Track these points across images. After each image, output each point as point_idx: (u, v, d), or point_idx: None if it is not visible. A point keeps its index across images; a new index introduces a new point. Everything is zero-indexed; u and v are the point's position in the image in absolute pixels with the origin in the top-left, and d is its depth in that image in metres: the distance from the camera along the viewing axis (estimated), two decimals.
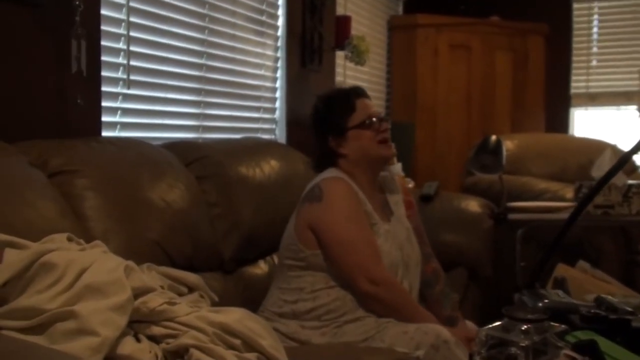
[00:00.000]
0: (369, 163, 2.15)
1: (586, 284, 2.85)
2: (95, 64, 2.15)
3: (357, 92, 2.20)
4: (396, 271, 2.07)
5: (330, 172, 2.14)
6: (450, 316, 2.18)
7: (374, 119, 2.13)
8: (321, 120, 2.20)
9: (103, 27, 2.21)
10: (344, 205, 2.06)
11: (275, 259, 2.43)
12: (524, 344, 0.90)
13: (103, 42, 2.21)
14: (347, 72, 3.89)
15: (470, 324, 2.23)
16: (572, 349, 0.92)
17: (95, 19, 2.15)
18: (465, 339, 1.99)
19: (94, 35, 2.14)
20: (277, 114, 3.36)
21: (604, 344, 0.97)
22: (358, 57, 3.64)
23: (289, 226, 2.16)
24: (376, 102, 4.50)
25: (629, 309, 1.09)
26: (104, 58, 2.22)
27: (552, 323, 0.99)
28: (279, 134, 3.36)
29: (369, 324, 1.98)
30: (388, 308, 2.00)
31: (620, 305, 1.10)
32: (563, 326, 1.02)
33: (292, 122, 3.37)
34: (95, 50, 2.15)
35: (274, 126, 3.35)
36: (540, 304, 1.12)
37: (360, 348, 1.90)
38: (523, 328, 0.92)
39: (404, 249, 2.12)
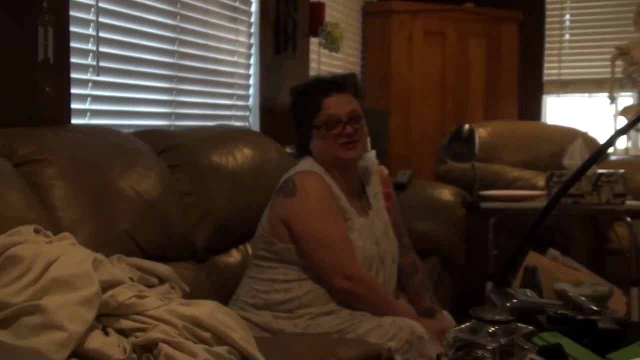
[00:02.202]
0: (331, 163, 2.10)
1: (556, 272, 2.89)
2: (63, 51, 2.11)
3: (329, 88, 2.10)
4: (370, 265, 2.07)
5: (305, 164, 2.12)
6: (429, 308, 2.17)
7: (336, 122, 2.05)
8: (293, 113, 2.18)
9: (72, 13, 2.17)
10: (317, 201, 2.04)
11: (249, 247, 2.42)
12: (490, 347, 0.90)
13: (72, 29, 2.17)
14: (321, 59, 3.88)
15: (445, 314, 2.23)
16: (538, 353, 0.93)
17: (63, 5, 2.11)
18: (440, 331, 1.99)
19: (62, 22, 2.10)
20: (250, 101, 3.34)
21: (570, 346, 0.98)
22: (332, 43, 3.62)
23: (263, 217, 2.14)
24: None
25: (595, 309, 1.10)
26: (72, 44, 2.18)
27: (519, 324, 1.00)
28: (253, 122, 3.34)
29: (343, 317, 1.98)
30: (363, 303, 2.00)
31: (586, 304, 1.11)
32: (530, 327, 1.03)
33: (266, 109, 3.35)
34: (63, 37, 2.11)
35: (247, 113, 3.33)
36: (508, 304, 1.13)
37: (333, 339, 1.91)
38: (490, 330, 0.93)
39: (380, 244, 2.11)
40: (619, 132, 1.33)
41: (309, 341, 1.90)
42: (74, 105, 2.22)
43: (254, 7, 3.31)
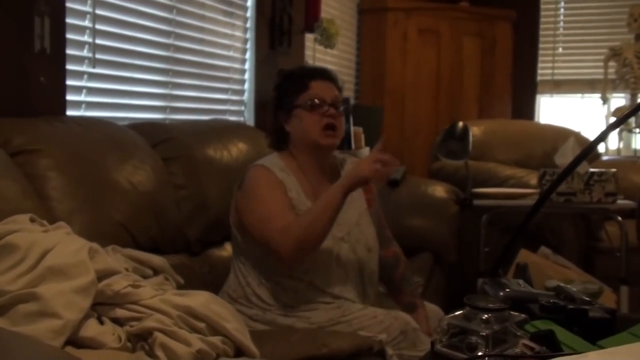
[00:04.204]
0: (308, 147, 2.10)
1: (547, 269, 2.91)
2: (59, 42, 2.11)
3: (315, 74, 2.14)
4: (328, 260, 2.03)
5: (264, 160, 2.13)
6: (410, 302, 2.18)
7: (321, 103, 2.07)
8: (276, 93, 2.19)
9: (68, 5, 2.17)
10: (259, 189, 2.04)
11: None
12: (484, 333, 0.91)
13: (68, 20, 2.17)
14: (316, 55, 3.88)
15: (435, 308, 2.25)
16: (531, 339, 0.94)
17: None
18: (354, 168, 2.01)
19: (59, 13, 2.10)
20: (245, 96, 3.34)
21: (561, 333, 1.00)
22: (327, 40, 3.63)
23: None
24: (345, 85, 4.49)
25: (587, 299, 1.12)
26: (68, 36, 2.18)
27: (512, 312, 1.02)
28: (247, 116, 3.34)
29: (332, 309, 1.99)
30: (311, 236, 1.91)
31: (578, 295, 1.13)
32: (523, 315, 1.05)
33: (261, 104, 3.36)
34: (59, 28, 2.11)
35: (242, 108, 3.34)
36: (502, 293, 1.14)
37: (325, 332, 1.92)
38: (484, 317, 0.94)
39: (352, 233, 2.11)
40: (610, 127, 1.34)
41: (301, 334, 1.91)
42: (69, 97, 2.22)
43: (250, 2, 3.31)
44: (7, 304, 1.31)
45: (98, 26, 2.32)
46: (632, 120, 4.28)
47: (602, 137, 1.43)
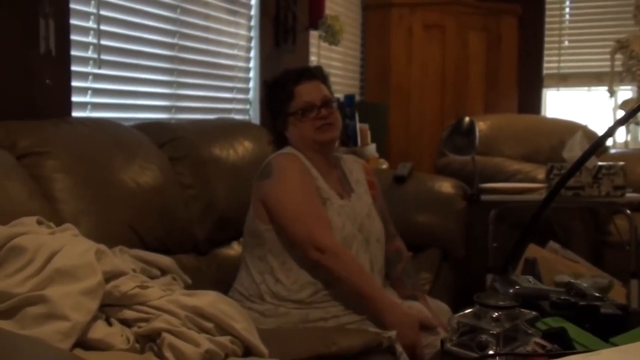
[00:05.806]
0: (310, 147, 2.14)
1: (556, 264, 2.89)
2: (64, 44, 2.11)
3: (299, 77, 2.16)
4: (350, 246, 2.07)
5: (285, 149, 2.16)
6: (410, 295, 2.18)
7: (310, 107, 2.11)
8: (268, 105, 2.24)
9: (72, 6, 2.17)
10: (291, 178, 2.06)
11: None
12: (494, 332, 0.91)
13: (72, 21, 2.17)
14: (321, 52, 3.87)
15: (443, 306, 2.25)
16: (542, 337, 0.93)
17: None
18: (416, 320, 2.00)
19: (63, 14, 2.10)
20: (250, 95, 3.34)
21: (573, 330, 0.99)
22: (332, 37, 3.62)
23: (249, 209, 2.17)
24: (350, 82, 4.49)
25: (598, 295, 1.11)
26: (73, 37, 2.18)
27: (522, 310, 1.01)
28: (253, 115, 3.34)
29: (348, 297, 1.99)
30: (337, 278, 1.99)
31: (589, 291, 1.11)
32: (534, 313, 1.03)
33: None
34: (64, 29, 2.11)
35: (247, 107, 3.33)
36: (511, 291, 1.13)
37: (333, 329, 1.91)
38: (494, 315, 0.93)
39: (364, 225, 2.13)
40: (618, 123, 1.33)
41: (310, 331, 1.90)
42: (74, 98, 2.22)
43: (254, 0, 3.31)
44: (16, 307, 1.31)
45: (102, 27, 2.32)
46: None
47: (610, 132, 1.42)
